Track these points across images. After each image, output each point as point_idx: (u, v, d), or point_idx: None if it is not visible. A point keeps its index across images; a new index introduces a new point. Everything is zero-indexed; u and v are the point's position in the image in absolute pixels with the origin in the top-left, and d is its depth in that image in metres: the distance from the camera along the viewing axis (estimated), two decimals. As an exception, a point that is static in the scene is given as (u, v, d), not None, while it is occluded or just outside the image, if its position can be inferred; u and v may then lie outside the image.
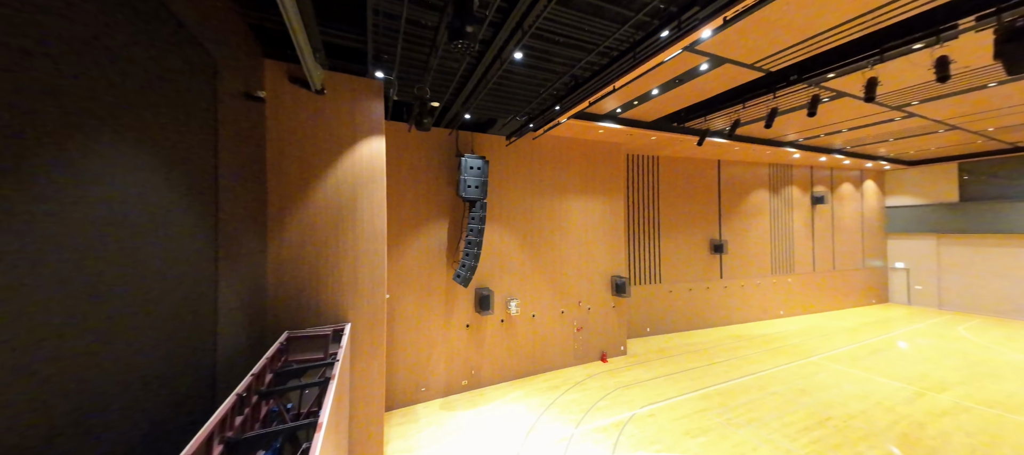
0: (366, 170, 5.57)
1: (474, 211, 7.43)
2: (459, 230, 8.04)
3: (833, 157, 14.34)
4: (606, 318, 10.04)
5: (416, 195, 7.77)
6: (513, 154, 8.87)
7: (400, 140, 7.61)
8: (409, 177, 7.72)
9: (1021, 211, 13.98)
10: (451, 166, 8.01)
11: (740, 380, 8.86)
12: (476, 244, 7.28)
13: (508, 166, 8.80)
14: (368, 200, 5.56)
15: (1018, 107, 9.33)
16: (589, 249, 9.85)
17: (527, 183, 9.06)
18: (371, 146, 5.61)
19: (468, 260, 7.28)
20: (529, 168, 9.10)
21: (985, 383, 8.59)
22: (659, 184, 12.62)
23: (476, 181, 7.34)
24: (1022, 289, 14.20)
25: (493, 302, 8.15)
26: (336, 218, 5.40)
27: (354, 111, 5.55)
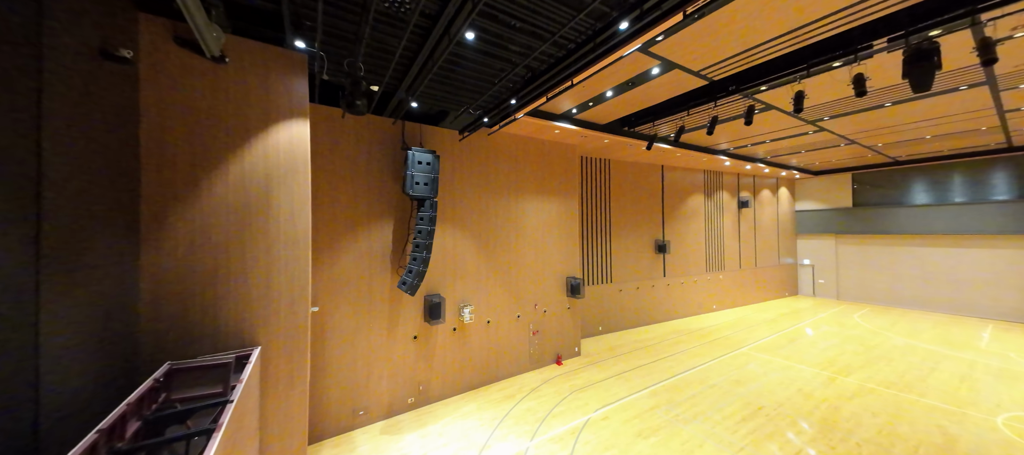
0: (284, 160, 4.56)
1: (423, 211, 6.63)
2: (406, 231, 7.17)
3: (756, 165, 15.64)
4: (561, 320, 9.76)
5: (355, 191, 6.76)
6: (467, 151, 8.20)
7: (335, 128, 6.56)
8: (347, 171, 6.69)
9: (898, 216, 16.40)
10: (397, 160, 7.12)
11: (683, 375, 9.08)
12: (425, 247, 6.50)
13: (462, 163, 8.11)
14: (287, 196, 4.56)
15: (901, 126, 10.72)
16: (545, 251, 9.50)
17: (482, 182, 8.44)
18: (291, 131, 4.62)
19: (416, 265, 6.46)
20: (484, 166, 8.49)
21: (880, 366, 9.68)
22: (610, 186, 12.72)
23: (425, 177, 6.56)
24: (900, 282, 16.68)
25: (444, 310, 7.40)
26: (242, 218, 4.33)
27: (268, 88, 4.51)
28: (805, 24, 5.21)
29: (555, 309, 9.62)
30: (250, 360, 4.04)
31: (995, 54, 4.54)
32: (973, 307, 14.60)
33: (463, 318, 7.76)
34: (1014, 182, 13.64)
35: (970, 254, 14.80)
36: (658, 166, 14.21)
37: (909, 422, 6.87)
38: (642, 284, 13.38)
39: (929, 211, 15.58)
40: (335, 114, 6.49)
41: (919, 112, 9.23)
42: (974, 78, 7.14)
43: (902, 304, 16.47)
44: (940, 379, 8.71)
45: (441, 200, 7.67)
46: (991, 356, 10.17)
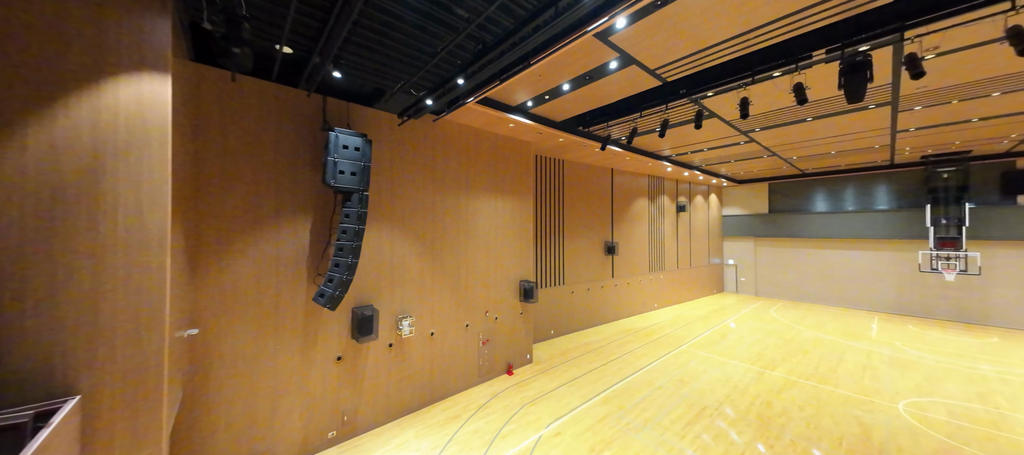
0: (126, 132, 3.13)
1: (349, 206, 5.39)
2: (328, 231, 5.84)
3: (693, 172, 16.41)
4: (514, 327, 8.99)
5: (257, 179, 5.29)
6: (409, 139, 7.04)
7: (227, 96, 5.05)
8: (246, 153, 5.20)
9: (804, 222, 18.32)
10: (317, 144, 5.75)
11: (632, 377, 8.86)
12: (351, 250, 5.27)
13: (404, 153, 6.93)
14: (129, 182, 3.14)
15: (814, 141, 11.70)
16: (498, 253, 8.65)
17: (428, 176, 7.33)
18: (140, 90, 3.20)
19: (338, 272, 5.21)
20: (431, 158, 7.39)
21: (798, 358, 10.38)
22: (564, 187, 12.30)
23: (352, 165, 5.32)
24: (806, 279, 18.65)
25: (377, 324, 6.19)
26: (48, 210, 2.86)
27: (102, 26, 3.06)
28: (752, 29, 5.04)
29: (507, 315, 8.83)
30: (54, 418, 2.64)
31: (922, 69, 4.69)
32: (862, 301, 16.76)
33: (401, 332, 6.61)
34: (893, 195, 15.86)
35: (859, 255, 16.98)
36: (609, 169, 14.16)
37: (830, 414, 7.20)
38: (593, 285, 13.18)
39: (828, 218, 17.60)
40: (224, 78, 4.98)
41: (832, 128, 10.02)
42: (883, 98, 7.75)
43: (808, 299, 18.45)
44: (847, 369, 9.48)
45: (375, 194, 6.44)
46: (882, 345, 11.48)
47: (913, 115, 8.79)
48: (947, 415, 7.04)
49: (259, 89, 5.31)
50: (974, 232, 13.39)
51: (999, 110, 8.36)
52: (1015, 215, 12.81)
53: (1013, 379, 8.71)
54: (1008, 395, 7.84)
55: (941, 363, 9.85)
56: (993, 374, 8.99)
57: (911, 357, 10.35)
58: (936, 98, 7.61)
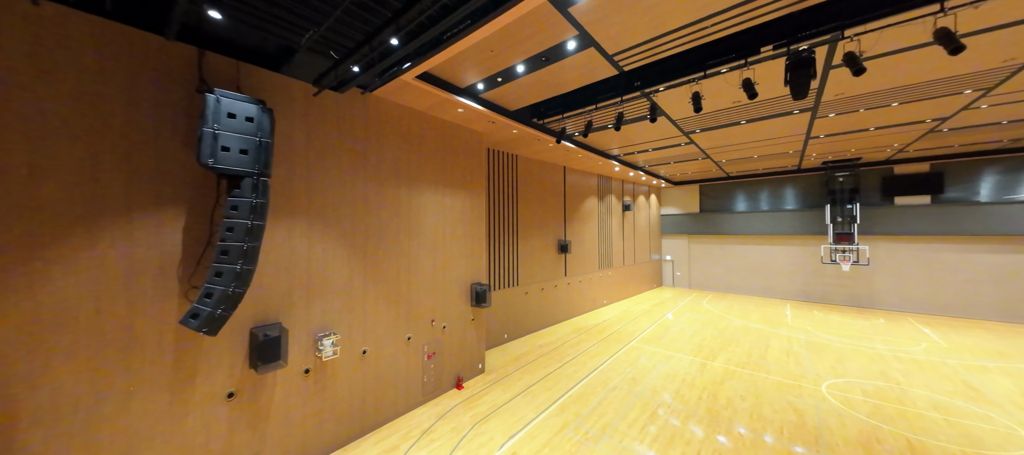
0: None
1: (237, 195, 3.98)
2: (208, 229, 4.33)
3: (637, 173, 16.83)
4: (465, 335, 7.99)
5: (95, 159, 3.67)
6: (334, 117, 5.70)
7: (36, 32, 3.40)
8: (75, 122, 3.57)
9: (729, 221, 19.87)
10: (191, 110, 4.23)
11: (587, 379, 8.42)
12: (240, 254, 3.89)
13: (326, 133, 5.57)
14: None
15: (743, 144, 12.44)
16: (447, 254, 7.59)
17: (360, 164, 6.04)
18: None
19: (221, 284, 3.80)
20: (364, 143, 6.10)
21: (732, 347, 10.85)
22: (518, 184, 11.58)
23: (242, 141, 3.93)
24: (731, 272, 20.25)
25: (287, 346, 4.81)
26: None
27: None
28: (709, 15, 4.75)
29: (457, 323, 7.81)
30: None
31: (862, 65, 4.75)
32: (777, 290, 18.59)
33: (322, 353, 5.27)
34: (799, 196, 17.79)
35: (773, 250, 18.82)
36: (561, 167, 13.80)
37: (768, 402, 7.37)
38: (546, 285, 12.67)
39: (748, 216, 19.28)
40: (32, 11, 3.33)
41: (760, 132, 10.62)
42: (807, 104, 8.21)
43: (733, 290, 20.06)
44: (774, 356, 10.06)
45: (283, 183, 5.04)
46: (797, 331, 12.56)
47: (826, 122, 9.56)
48: (862, 394, 7.60)
49: (97, 31, 3.69)
50: (863, 229, 15.45)
51: (891, 121, 9.42)
52: (892, 214, 15.00)
53: (903, 355, 9.90)
54: (902, 371, 8.79)
55: (846, 345, 10.95)
56: (887, 352, 10.15)
57: (822, 340, 11.39)
58: (849, 106, 8.24)
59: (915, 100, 7.78)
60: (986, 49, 5.44)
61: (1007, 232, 12.80)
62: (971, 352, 10.05)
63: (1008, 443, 5.68)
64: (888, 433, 6.10)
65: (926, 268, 14.58)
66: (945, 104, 7.99)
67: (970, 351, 10.14)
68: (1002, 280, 13.13)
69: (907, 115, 8.85)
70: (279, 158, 4.98)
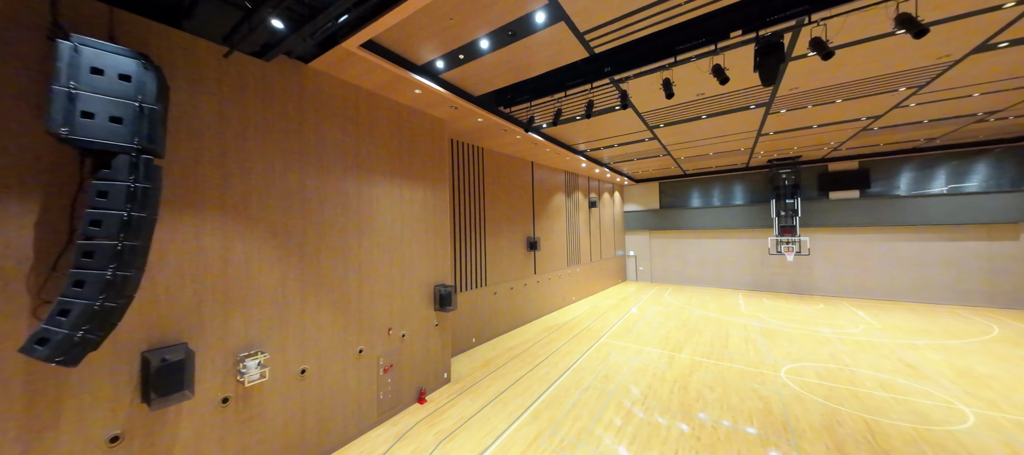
0: None
1: (108, 177, 2.95)
2: (68, 226, 3.23)
3: (602, 169, 16.88)
4: (427, 343, 7.19)
5: None
6: (258, 90, 4.69)
7: None
8: None
9: (686, 216, 20.65)
10: (45, 66, 3.13)
11: (560, 380, 7.99)
12: (113, 255, 2.88)
13: (245, 108, 4.56)
14: None
15: (701, 141, 12.78)
16: (407, 254, 6.75)
17: (297, 148, 5.07)
18: None
19: (83, 295, 2.78)
20: (300, 123, 5.13)
21: (696, 338, 11.02)
22: (485, 178, 10.91)
23: (114, 106, 2.92)
24: (689, 266, 21.06)
25: (193, 372, 3.79)
26: None
27: None
28: None
29: (419, 330, 7.00)
30: None
31: (831, 49, 4.71)
32: (729, 281, 19.57)
33: (244, 377, 4.27)
34: (747, 192, 18.86)
35: (726, 243, 19.82)
36: (529, 162, 13.35)
37: (735, 391, 7.38)
38: (516, 284, 12.14)
39: (702, 212, 20.16)
40: None
41: (717, 127, 10.87)
42: (763, 98, 8.41)
43: (691, 282, 20.88)
44: (734, 344, 10.31)
45: (186, 165, 4.01)
46: (751, 318, 13.13)
47: (777, 118, 9.95)
48: (817, 377, 7.87)
49: None
50: (804, 221, 16.64)
51: (832, 118, 10.01)
52: (828, 207, 16.30)
53: (846, 337, 10.58)
54: (848, 352, 9.33)
55: (796, 330, 11.55)
56: (832, 335, 10.81)
57: (774, 327, 11.95)
58: (800, 102, 8.56)
59: (856, 97, 8.23)
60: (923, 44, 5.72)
61: (922, 222, 14.35)
62: (901, 331, 11.00)
63: (951, 417, 6.03)
64: (847, 415, 6.25)
65: (857, 256, 16.01)
66: (881, 102, 8.56)
67: (900, 330, 11.10)
68: (919, 265, 14.71)
69: (846, 113, 9.43)
70: (181, 135, 3.94)
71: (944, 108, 9.10)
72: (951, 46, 5.67)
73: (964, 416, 6.03)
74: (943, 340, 10.07)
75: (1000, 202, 12.94)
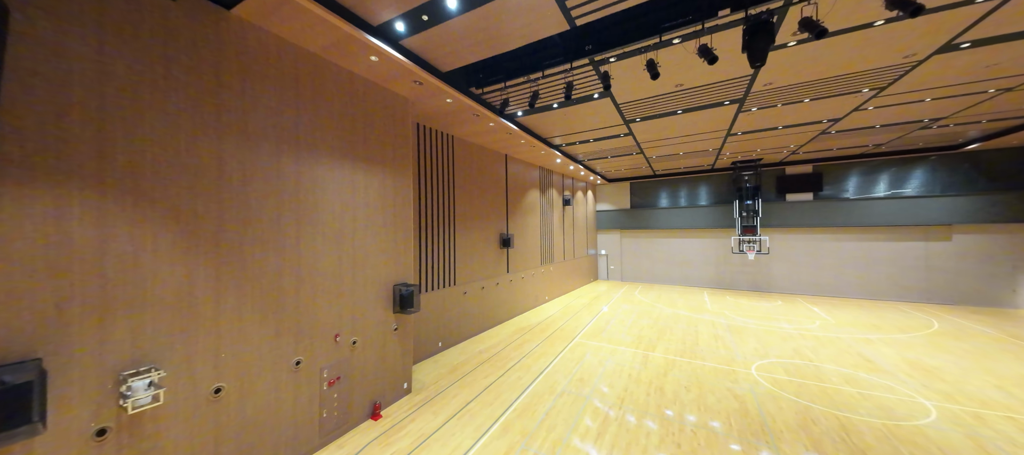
0: None
1: None
2: None
3: (577, 166, 16.61)
4: (384, 349, 6.33)
5: None
6: (156, 33, 3.67)
7: None
8: None
9: (655, 216, 20.96)
10: None
11: (533, 386, 7.44)
12: None
13: (137, 54, 3.54)
14: None
15: (672, 140, 12.79)
16: (359, 248, 5.86)
17: (210, 112, 4.08)
18: None
19: None
20: (217, 83, 4.14)
21: (668, 336, 10.92)
22: (455, 169, 10.12)
23: None
24: (657, 264, 21.39)
25: (44, 397, 2.78)
26: None
27: None
28: None
29: (374, 335, 6.13)
30: None
31: (824, 27, 4.49)
32: (695, 279, 20.07)
33: (129, 401, 3.28)
34: (712, 193, 19.41)
35: (692, 242, 20.31)
36: (503, 155, 12.71)
37: (710, 391, 7.19)
38: (487, 283, 11.45)
39: (670, 212, 20.55)
40: None
41: (690, 125, 10.84)
42: (737, 94, 8.35)
43: (660, 281, 21.22)
44: (705, 342, 10.29)
45: (41, 123, 2.98)
46: (718, 315, 13.33)
47: (747, 117, 10.03)
48: (785, 374, 7.88)
49: None
50: (764, 222, 17.32)
51: (796, 120, 10.25)
52: (785, 209, 17.07)
53: (806, 333, 10.90)
54: (810, 348, 9.54)
55: (760, 326, 11.80)
56: (793, 331, 11.11)
57: (740, 323, 12.15)
58: (771, 100, 8.59)
59: (823, 97, 8.37)
60: (893, 41, 5.73)
61: (867, 223, 15.34)
62: (854, 326, 11.54)
63: (915, 411, 6.12)
64: (819, 413, 6.18)
65: (810, 255, 16.88)
66: (844, 103, 8.78)
67: (853, 325, 11.65)
68: (865, 264, 15.73)
69: (811, 114, 9.66)
70: (37, 79, 2.90)
71: (897, 112, 9.56)
72: (920, 43, 5.72)
73: (926, 410, 6.14)
74: (892, 334, 10.63)
75: (934, 206, 14.08)
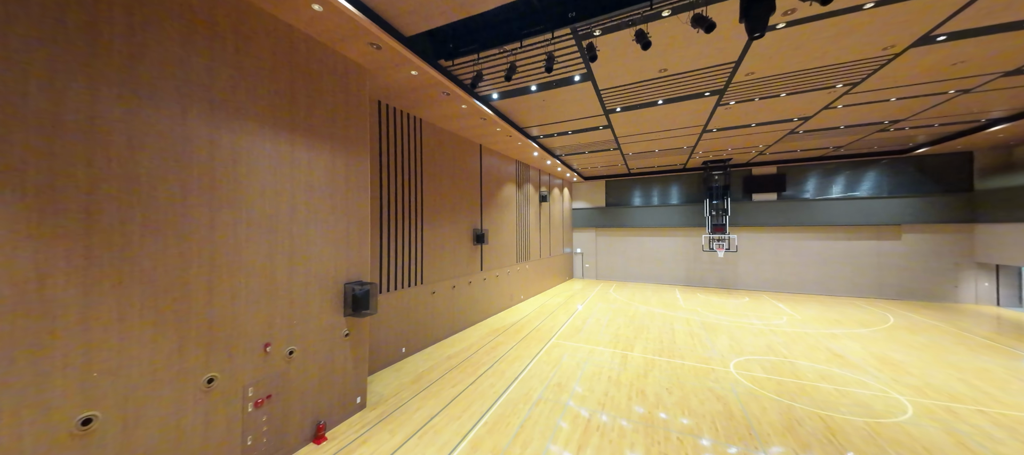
0: None
1: None
2: None
3: (554, 161, 16.12)
4: (331, 358, 5.34)
5: None
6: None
7: None
8: None
9: (630, 214, 20.99)
10: None
11: (507, 393, 6.74)
12: None
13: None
14: None
15: (650, 135, 12.59)
16: (299, 239, 4.85)
17: (81, 48, 2.99)
18: None
19: None
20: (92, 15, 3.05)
21: (645, 334, 10.62)
22: (423, 156, 9.18)
23: None
24: (630, 262, 21.43)
25: None
26: None
27: None
28: None
29: (318, 342, 5.14)
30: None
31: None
32: (667, 277, 20.27)
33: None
34: (683, 192, 19.68)
35: (664, 240, 20.51)
36: (477, 145, 11.90)
37: (693, 392, 6.84)
38: (459, 282, 10.59)
39: (644, 210, 20.66)
40: None
41: (669, 117, 10.61)
42: (718, 86, 8.10)
43: (632, 279, 21.27)
44: (681, 340, 10.06)
45: None
46: (691, 312, 13.31)
47: (724, 112, 9.90)
48: (763, 372, 7.71)
49: None
50: (732, 221, 17.72)
51: (770, 117, 10.28)
52: (751, 208, 17.55)
53: (776, 329, 11.00)
54: (781, 343, 9.55)
55: (732, 322, 11.83)
56: (764, 327, 11.19)
57: (713, 320, 12.14)
58: (750, 92, 8.44)
59: (798, 92, 8.32)
60: (874, 31, 5.59)
61: (826, 223, 16.05)
62: (818, 322, 11.84)
63: (892, 408, 6.04)
64: (803, 412, 5.95)
65: (774, 253, 17.47)
66: (816, 99, 8.81)
67: (817, 321, 11.95)
68: (823, 262, 16.46)
69: (783, 112, 9.68)
70: None
71: (863, 112, 9.80)
72: (900, 33, 5.61)
73: (902, 406, 6.08)
74: (854, 329, 10.97)
75: (885, 206, 14.94)
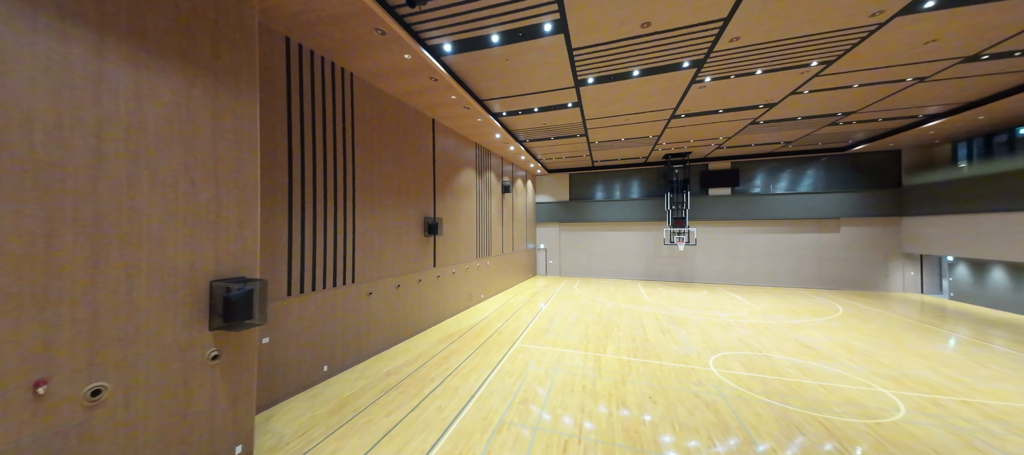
0: None
1: None
2: None
3: (518, 147, 14.79)
4: (186, 394, 3.41)
5: None
6: None
7: None
8: None
9: (593, 209, 20.41)
10: None
11: (459, 419, 5.23)
12: None
13: None
14: None
15: (616, 118, 11.76)
16: (113, 209, 2.88)
17: None
18: None
19: None
20: None
21: (615, 332, 9.71)
22: (355, 120, 7.26)
23: None
24: (594, 258, 20.88)
25: None
26: None
27: None
28: None
29: (157, 373, 3.19)
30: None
31: None
32: (629, 272, 19.98)
33: None
34: (644, 186, 19.50)
35: (625, 235, 20.22)
36: (429, 119, 10.13)
37: (677, 399, 5.90)
38: (406, 280, 8.79)
39: (606, 204, 20.21)
40: None
41: (643, 95, 9.78)
42: (698, 56, 7.28)
43: (595, 275, 20.74)
44: (655, 338, 9.26)
45: None
46: (657, 307, 12.77)
47: (696, 94, 9.25)
48: (743, 369, 7.04)
49: None
50: (691, 215, 17.76)
51: (738, 103, 9.86)
52: (708, 202, 17.73)
53: (740, 321, 10.69)
54: (751, 335, 9.13)
55: (698, 316, 11.39)
56: (729, 320, 10.85)
57: (680, 315, 11.64)
58: (727, 68, 7.76)
59: (774, 70, 7.82)
60: None
61: (773, 217, 16.60)
62: (776, 312, 11.83)
63: (884, 404, 5.53)
64: (799, 417, 5.20)
65: (727, 247, 17.82)
66: (787, 79, 8.41)
67: (775, 311, 11.95)
68: (771, 254, 17.04)
69: (753, 95, 9.26)
70: None
71: (823, 99, 9.71)
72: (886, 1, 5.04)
73: (891, 401, 5.60)
74: (810, 319, 11.02)
75: (825, 201, 15.73)
